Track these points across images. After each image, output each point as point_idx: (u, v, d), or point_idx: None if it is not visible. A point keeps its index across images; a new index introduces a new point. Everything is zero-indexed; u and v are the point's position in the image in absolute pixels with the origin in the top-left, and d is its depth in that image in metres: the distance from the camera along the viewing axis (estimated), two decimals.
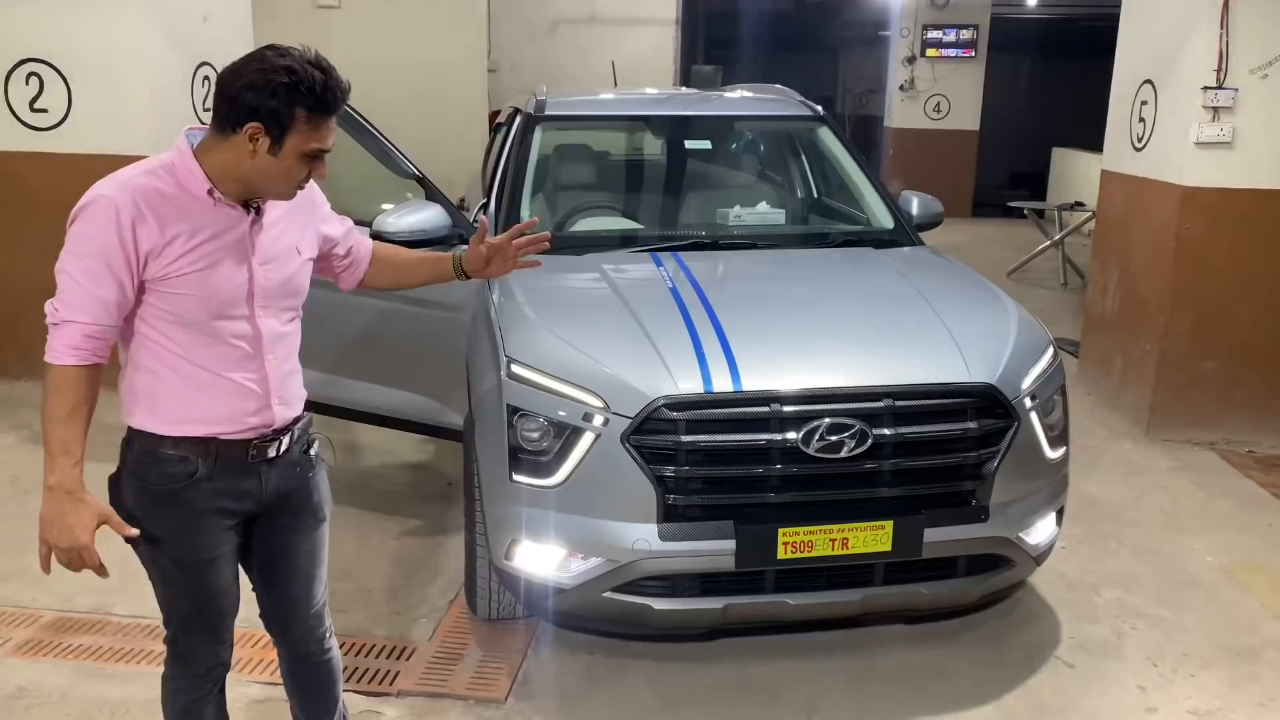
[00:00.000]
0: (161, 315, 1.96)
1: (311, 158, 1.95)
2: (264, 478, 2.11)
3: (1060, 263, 9.74)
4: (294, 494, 2.19)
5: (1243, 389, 5.20)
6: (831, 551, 2.85)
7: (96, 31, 5.34)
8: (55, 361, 1.90)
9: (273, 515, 2.18)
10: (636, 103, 4.98)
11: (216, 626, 2.19)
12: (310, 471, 2.23)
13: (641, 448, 2.82)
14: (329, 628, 2.39)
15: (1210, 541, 4.17)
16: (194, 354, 1.98)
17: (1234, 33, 4.83)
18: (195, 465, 2.02)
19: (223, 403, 2.02)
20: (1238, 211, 5.02)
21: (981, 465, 2.97)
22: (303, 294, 2.16)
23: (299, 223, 2.14)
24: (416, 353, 3.99)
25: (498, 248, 2.42)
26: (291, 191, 2.02)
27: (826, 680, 3.16)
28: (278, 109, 1.86)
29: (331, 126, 1.95)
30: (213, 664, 2.22)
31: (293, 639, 2.35)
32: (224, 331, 2.00)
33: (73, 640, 3.30)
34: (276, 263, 2.06)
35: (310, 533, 2.26)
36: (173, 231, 1.91)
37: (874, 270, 3.80)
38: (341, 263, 2.34)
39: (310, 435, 2.25)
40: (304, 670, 2.40)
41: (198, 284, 1.94)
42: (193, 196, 1.94)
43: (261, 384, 2.06)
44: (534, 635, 3.36)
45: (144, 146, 5.33)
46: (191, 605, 2.15)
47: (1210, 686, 3.18)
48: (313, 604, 2.32)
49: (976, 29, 13.61)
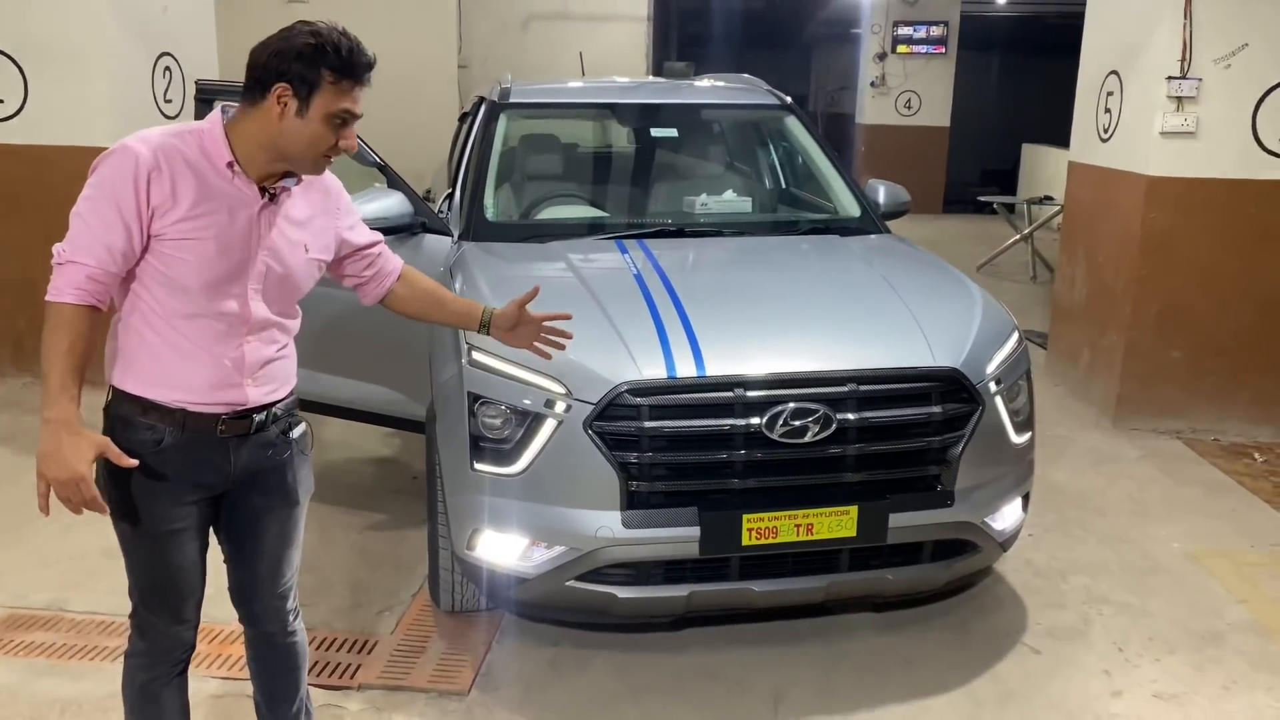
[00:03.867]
0: (157, 277, 1.97)
1: (339, 123, 1.95)
2: (233, 453, 2.10)
3: (1030, 257, 9.80)
4: (266, 474, 2.17)
5: (1208, 378, 5.24)
6: (796, 537, 2.83)
7: (54, 20, 5.25)
8: (56, 299, 1.93)
9: (243, 492, 2.17)
10: (602, 90, 4.94)
11: (175, 605, 2.17)
12: (286, 453, 2.21)
13: (604, 434, 2.79)
14: (294, 610, 2.37)
15: (1176, 528, 4.19)
16: (178, 322, 1.99)
17: (1197, 23, 4.85)
18: (162, 434, 2.02)
19: (195, 374, 2.02)
20: (1202, 201, 5.05)
21: (946, 450, 2.96)
22: (302, 291, 2.16)
23: (317, 223, 2.15)
24: (381, 345, 3.94)
25: (530, 319, 2.38)
26: (319, 161, 2.00)
27: (794, 668, 3.14)
28: (304, 70, 1.91)
29: (358, 94, 1.96)
30: (171, 644, 2.21)
31: (256, 617, 2.33)
32: (212, 306, 2.00)
33: (25, 637, 3.23)
34: (281, 253, 2.06)
35: (281, 513, 2.23)
36: (183, 193, 1.93)
37: (840, 257, 3.79)
38: (362, 274, 2.32)
39: (294, 419, 2.23)
40: (266, 651, 2.37)
41: (196, 251, 1.95)
42: (212, 166, 1.96)
43: (237, 364, 2.05)
44: (498, 627, 3.32)
45: (103, 138, 5.24)
46: (151, 578, 2.15)
47: (1175, 670, 3.18)
48: (278, 585, 2.30)
49: (947, 25, 13.68)
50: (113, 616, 3.34)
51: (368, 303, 2.39)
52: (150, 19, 5.56)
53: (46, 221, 5.38)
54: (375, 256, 2.32)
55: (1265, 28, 4.84)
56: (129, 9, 5.39)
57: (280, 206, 2.06)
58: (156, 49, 5.60)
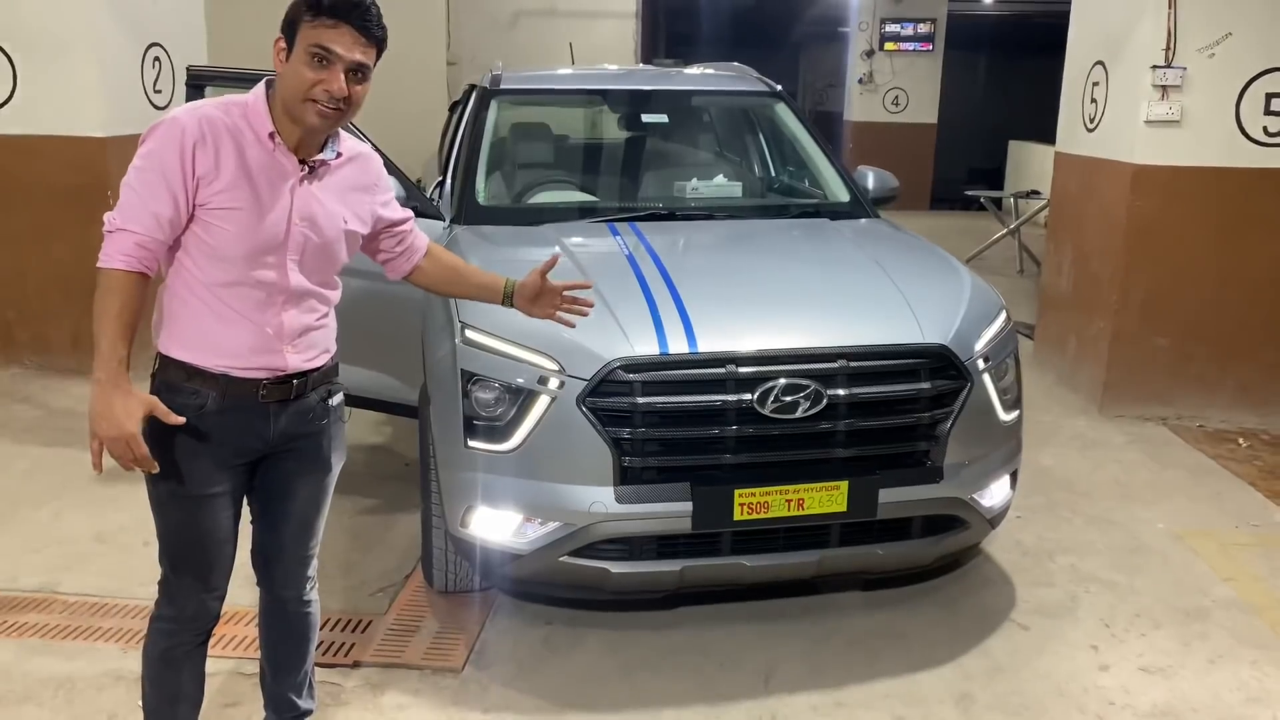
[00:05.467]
0: (200, 246, 2.03)
1: (318, 61, 1.97)
2: (274, 418, 2.15)
3: (1017, 250, 9.85)
4: (303, 439, 2.22)
5: (1193, 365, 5.29)
6: (787, 512, 2.86)
7: (44, 10, 5.24)
8: (106, 265, 1.97)
9: (279, 457, 2.22)
10: (593, 77, 4.96)
11: (204, 572, 2.21)
12: (324, 419, 2.25)
13: (597, 410, 2.81)
14: (311, 580, 2.41)
15: (1162, 510, 4.23)
16: (220, 290, 2.04)
17: (1181, 13, 4.91)
18: (205, 399, 2.07)
19: (237, 340, 2.07)
20: (1187, 189, 5.10)
21: (935, 426, 2.99)
22: (340, 262, 2.20)
23: (355, 197, 2.20)
24: (376, 330, 3.95)
25: (551, 289, 2.40)
26: (310, 108, 1.99)
27: (785, 645, 3.17)
28: (292, 16, 1.99)
29: (342, 35, 1.97)
30: (197, 611, 2.24)
31: (274, 580, 2.36)
32: (251, 274, 2.05)
33: (18, 618, 3.23)
34: (319, 224, 2.10)
35: (313, 478, 2.29)
36: (225, 163, 1.99)
37: (830, 239, 3.82)
38: (393, 250, 2.37)
39: (333, 386, 2.28)
40: (279, 618, 2.41)
41: (237, 220, 2.01)
42: (256, 136, 2.03)
43: (277, 331, 2.10)
44: (491, 606, 3.34)
45: (93, 127, 5.24)
46: (181, 541, 2.18)
47: (1161, 645, 3.22)
48: (301, 550, 2.34)
49: (934, 23, 13.74)
50: (105, 598, 3.34)
51: (394, 278, 2.42)
52: (140, 9, 5.56)
53: (36, 212, 5.46)
54: (406, 233, 2.37)
55: (1248, 17, 4.89)
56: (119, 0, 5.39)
57: (319, 178, 2.10)
58: (146, 39, 5.60)
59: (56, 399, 5.29)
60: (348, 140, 2.21)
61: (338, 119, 2.03)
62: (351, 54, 1.99)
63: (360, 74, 2.02)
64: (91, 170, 5.25)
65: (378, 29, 2.02)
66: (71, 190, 5.31)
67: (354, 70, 2.00)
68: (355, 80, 2.01)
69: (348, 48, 1.98)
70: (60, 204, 5.36)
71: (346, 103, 2.01)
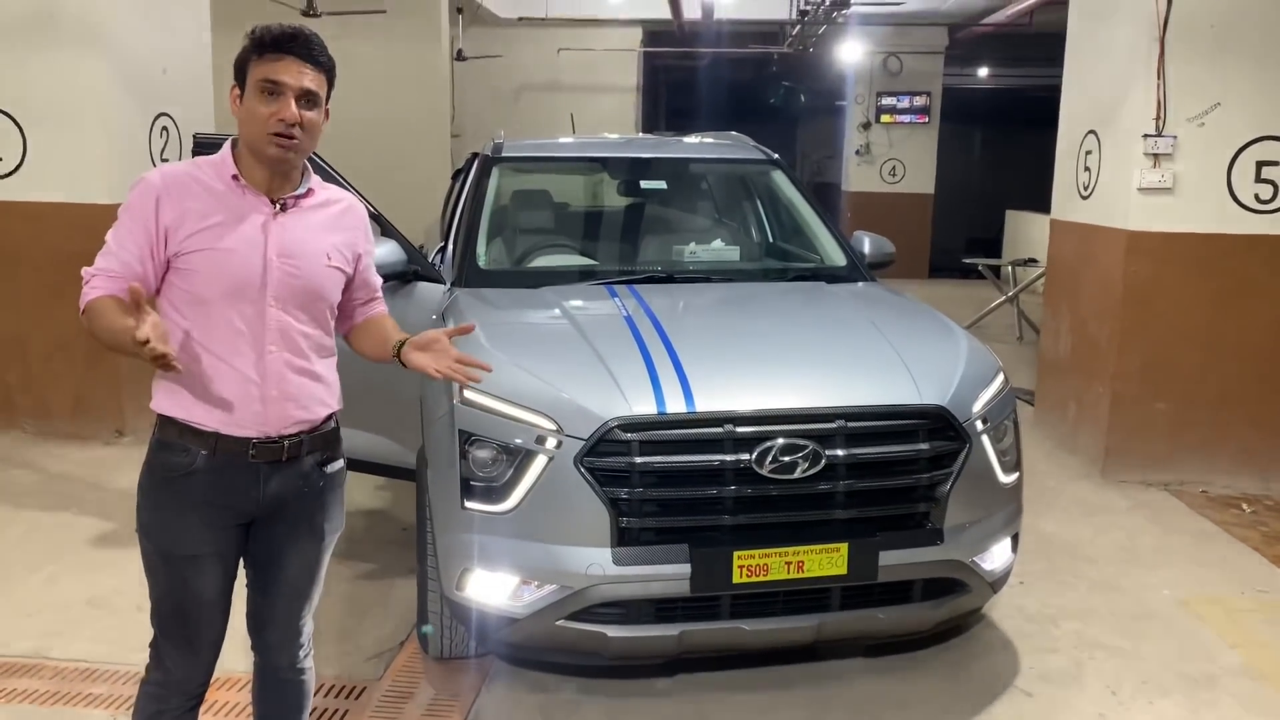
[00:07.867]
0: (179, 294, 2.07)
1: (269, 94, 2.03)
2: (264, 480, 2.12)
3: (1016, 318, 9.90)
4: (294, 504, 2.19)
5: (1193, 429, 5.28)
6: (787, 575, 2.83)
7: (54, 79, 5.35)
8: (88, 299, 2.04)
9: (270, 521, 2.19)
10: (593, 145, 5.04)
11: (192, 637, 2.17)
12: (319, 484, 2.22)
13: (595, 470, 2.80)
14: (305, 647, 2.36)
15: (1166, 576, 4.19)
16: (203, 334, 2.06)
17: (1170, 83, 5.00)
18: (195, 456, 2.07)
19: (225, 388, 2.07)
20: (1181, 255, 5.14)
21: (935, 487, 2.97)
22: (326, 301, 2.20)
23: (340, 237, 2.21)
24: (373, 393, 3.95)
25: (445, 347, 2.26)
26: (269, 141, 2.04)
27: (785, 713, 3.11)
28: (241, 61, 2.07)
29: (288, 65, 2.03)
30: (186, 675, 2.20)
31: (267, 646, 2.32)
32: (232, 315, 2.06)
33: (9, 684, 3.18)
34: (299, 259, 2.12)
35: (306, 546, 2.25)
36: (191, 209, 2.06)
37: (827, 301, 3.84)
38: (349, 305, 2.34)
39: (331, 452, 2.25)
40: (272, 685, 2.36)
41: (209, 261, 2.04)
42: (222, 182, 2.09)
43: (260, 374, 2.08)
44: (487, 673, 3.29)
45: (101, 195, 5.31)
46: (171, 602, 2.16)
47: (1169, 713, 3.16)
48: (294, 618, 2.30)
49: (929, 95, 13.99)
50: (97, 664, 3.30)
51: (340, 331, 2.37)
52: (150, 81, 5.68)
53: (42, 278, 5.50)
54: (373, 299, 2.38)
55: (1237, 87, 4.98)
56: (129, 70, 5.50)
57: (295, 215, 2.13)
58: (154, 109, 5.71)
59: (55, 464, 5.27)
60: (330, 187, 2.25)
61: (295, 147, 2.06)
62: (300, 82, 2.04)
63: (310, 100, 2.06)
64: (96, 236, 5.07)
65: (322, 56, 2.08)
66: (76, 256, 5.18)
67: (304, 97, 2.05)
68: (306, 107, 2.06)
69: (295, 76, 2.04)
70: (64, 269, 5.31)
71: (302, 129, 2.05)
